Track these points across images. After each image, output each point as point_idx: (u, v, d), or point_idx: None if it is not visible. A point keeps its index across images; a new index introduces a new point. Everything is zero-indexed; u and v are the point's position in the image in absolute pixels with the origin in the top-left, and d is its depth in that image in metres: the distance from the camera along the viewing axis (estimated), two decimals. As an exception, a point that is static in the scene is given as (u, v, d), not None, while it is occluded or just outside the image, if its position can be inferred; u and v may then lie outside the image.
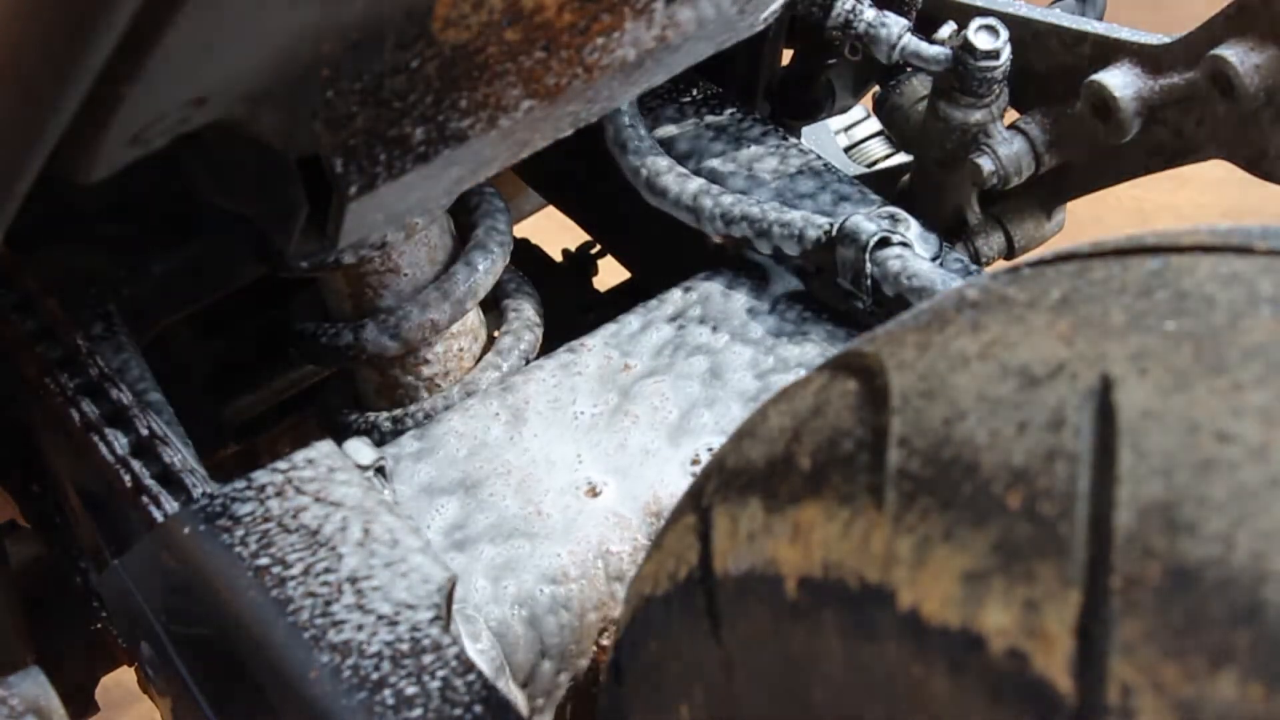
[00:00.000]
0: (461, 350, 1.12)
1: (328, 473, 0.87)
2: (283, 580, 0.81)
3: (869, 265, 1.00)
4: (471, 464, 0.97)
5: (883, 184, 1.27)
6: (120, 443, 0.96)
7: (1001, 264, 1.18)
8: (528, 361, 1.12)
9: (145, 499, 0.93)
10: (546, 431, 0.99)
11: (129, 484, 0.94)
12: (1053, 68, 1.11)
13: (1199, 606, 0.44)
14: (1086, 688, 0.46)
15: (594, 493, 0.95)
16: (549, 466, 0.97)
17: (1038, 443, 0.50)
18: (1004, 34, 1.06)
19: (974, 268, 1.04)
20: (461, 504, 0.95)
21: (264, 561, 0.82)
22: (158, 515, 0.91)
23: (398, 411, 1.11)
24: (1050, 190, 1.18)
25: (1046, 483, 0.49)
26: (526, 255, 1.41)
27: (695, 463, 0.97)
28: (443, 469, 0.97)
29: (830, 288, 1.05)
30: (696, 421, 0.99)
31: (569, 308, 1.36)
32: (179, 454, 0.95)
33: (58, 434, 1.02)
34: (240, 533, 0.83)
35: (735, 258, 1.11)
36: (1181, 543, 0.45)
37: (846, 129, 1.49)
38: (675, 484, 0.95)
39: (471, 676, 0.76)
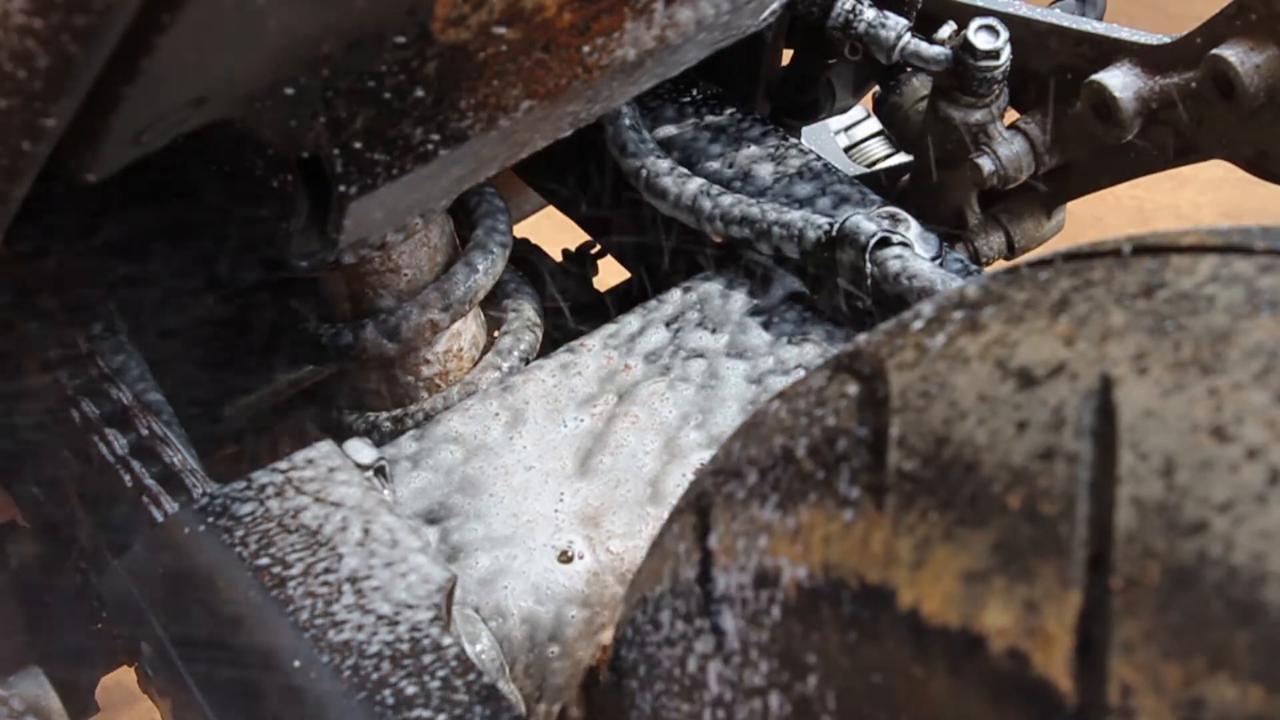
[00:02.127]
0: (461, 351, 1.13)
1: (328, 473, 0.87)
2: (283, 580, 0.81)
3: (869, 265, 1.00)
4: (471, 465, 0.97)
5: (883, 184, 1.27)
6: (120, 443, 0.96)
7: (1001, 264, 1.18)
8: (527, 362, 1.12)
9: (145, 499, 0.93)
10: (539, 443, 0.99)
11: (129, 484, 0.94)
12: (1053, 68, 1.11)
13: (1199, 606, 0.44)
14: (1086, 688, 0.46)
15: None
16: (540, 489, 0.96)
17: (1038, 443, 0.50)
18: (1004, 34, 1.06)
19: (974, 268, 1.04)
20: (459, 506, 0.95)
21: (264, 561, 0.82)
22: (158, 515, 0.91)
23: (398, 411, 1.11)
24: (1050, 190, 1.18)
25: (1046, 483, 0.49)
26: (526, 255, 1.41)
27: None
28: (442, 470, 0.97)
29: (830, 288, 1.05)
30: (695, 422, 0.99)
31: (569, 308, 1.36)
32: (179, 454, 0.95)
33: (58, 434, 1.02)
34: (240, 533, 0.83)
35: (735, 258, 1.11)
36: (1181, 543, 0.45)
37: (846, 129, 1.49)
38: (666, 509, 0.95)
39: (471, 676, 0.76)
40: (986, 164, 1.10)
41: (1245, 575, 0.43)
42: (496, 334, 1.17)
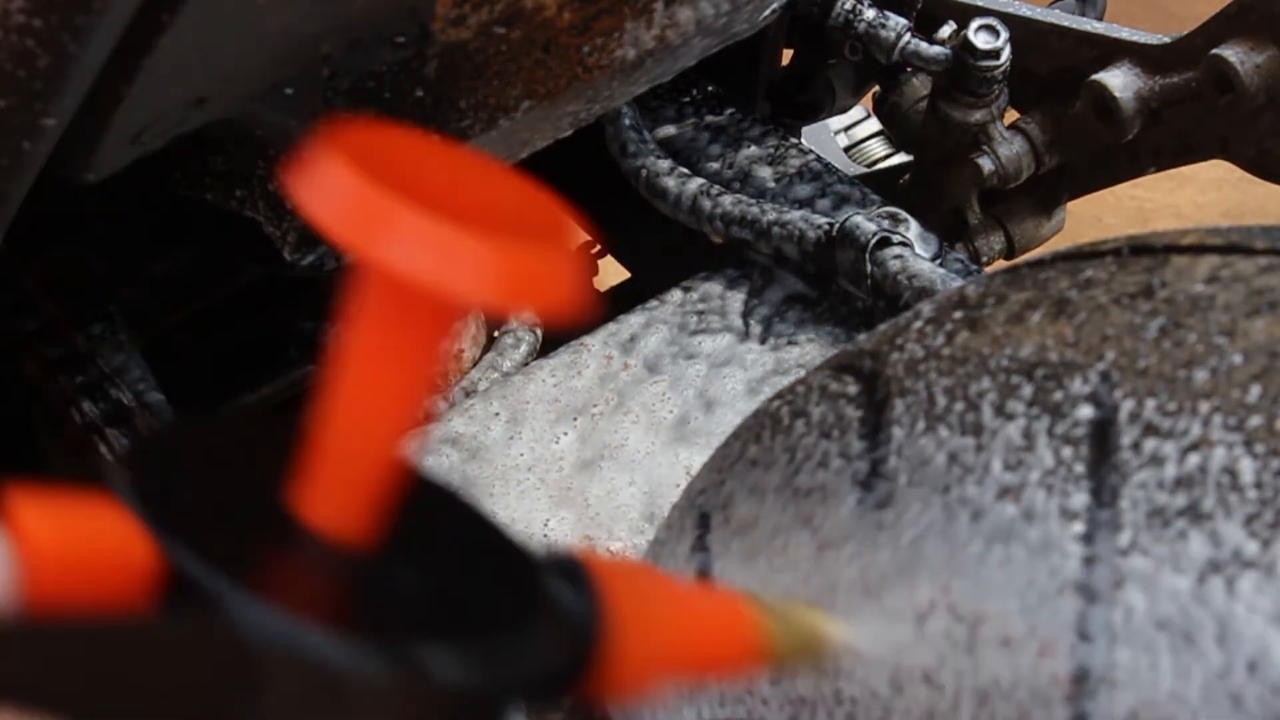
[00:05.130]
0: (461, 351, 1.12)
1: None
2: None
3: (869, 265, 1.00)
4: (470, 466, 0.97)
5: (883, 184, 1.27)
6: (120, 443, 0.96)
7: (1001, 264, 1.18)
8: (528, 362, 1.12)
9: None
10: (539, 444, 0.99)
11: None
12: (1053, 68, 1.11)
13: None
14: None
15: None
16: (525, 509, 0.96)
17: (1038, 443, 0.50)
18: (1004, 34, 1.06)
19: (974, 268, 1.04)
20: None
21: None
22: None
23: (397, 411, 1.11)
24: (1050, 190, 1.18)
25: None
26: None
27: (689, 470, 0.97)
28: (441, 471, 0.97)
29: (830, 288, 1.05)
30: (696, 422, 0.99)
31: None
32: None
33: (58, 434, 1.02)
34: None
35: (736, 258, 1.11)
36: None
37: (846, 129, 1.49)
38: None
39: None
40: (986, 164, 1.10)
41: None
42: (496, 334, 1.17)
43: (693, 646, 0.30)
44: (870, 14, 1.11)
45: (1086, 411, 0.50)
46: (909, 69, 1.21)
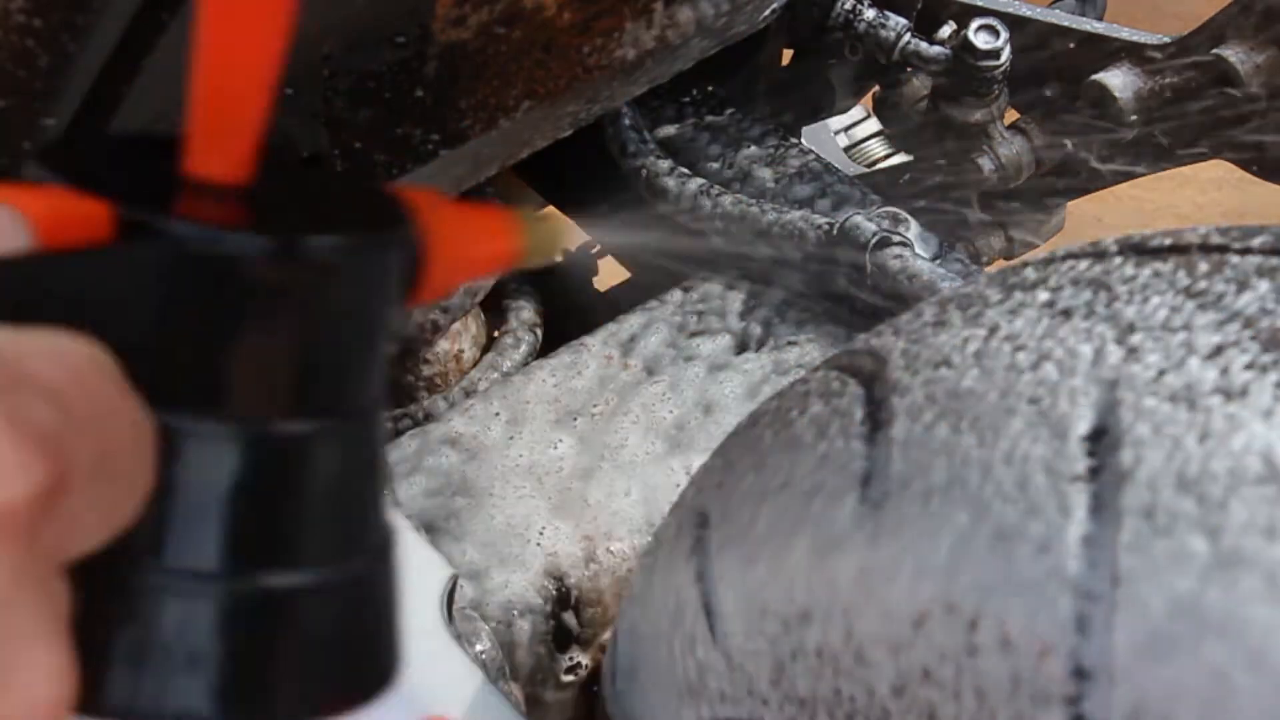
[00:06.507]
0: (461, 351, 1.13)
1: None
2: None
3: (869, 265, 1.00)
4: (470, 467, 0.97)
5: (882, 184, 1.27)
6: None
7: (1001, 264, 1.18)
8: (528, 362, 1.12)
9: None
10: (539, 444, 0.99)
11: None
12: (1053, 68, 1.11)
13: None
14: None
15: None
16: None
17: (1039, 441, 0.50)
18: (1004, 34, 1.06)
19: (974, 268, 1.04)
20: (459, 508, 0.95)
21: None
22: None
23: (397, 411, 1.11)
24: (1050, 190, 1.18)
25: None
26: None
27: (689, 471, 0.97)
28: (441, 472, 0.97)
29: (830, 288, 1.05)
30: (695, 422, 0.99)
31: (569, 308, 1.36)
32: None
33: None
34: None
35: (736, 258, 1.11)
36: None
37: (846, 129, 1.49)
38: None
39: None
40: (986, 164, 1.10)
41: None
42: (496, 334, 1.17)
43: (476, 253, 0.37)
44: (870, 14, 1.11)
45: (1087, 411, 0.50)
46: (909, 69, 1.21)
